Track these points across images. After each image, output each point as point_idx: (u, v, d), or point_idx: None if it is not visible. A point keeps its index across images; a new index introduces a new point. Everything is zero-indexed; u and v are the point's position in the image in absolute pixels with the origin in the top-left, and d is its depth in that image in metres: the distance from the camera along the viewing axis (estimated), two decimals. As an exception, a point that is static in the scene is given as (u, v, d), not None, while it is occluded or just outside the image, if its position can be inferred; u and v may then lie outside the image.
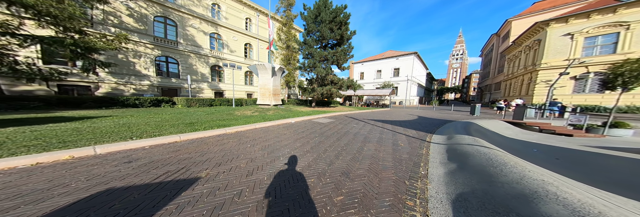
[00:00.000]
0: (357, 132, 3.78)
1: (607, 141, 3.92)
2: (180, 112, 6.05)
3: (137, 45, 9.64)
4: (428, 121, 5.83)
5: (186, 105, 8.30)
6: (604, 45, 10.60)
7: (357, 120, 5.82)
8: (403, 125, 4.85)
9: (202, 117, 4.93)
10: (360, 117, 6.68)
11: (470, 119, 6.90)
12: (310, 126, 4.50)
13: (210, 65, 13.46)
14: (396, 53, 23.67)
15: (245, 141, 2.81)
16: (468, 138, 2.53)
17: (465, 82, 48.37)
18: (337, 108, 12.60)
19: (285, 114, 6.28)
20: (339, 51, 10.57)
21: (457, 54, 58.52)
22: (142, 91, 9.85)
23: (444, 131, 3.77)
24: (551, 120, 6.39)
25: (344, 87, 11.99)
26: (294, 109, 8.46)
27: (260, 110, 6.76)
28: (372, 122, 5.37)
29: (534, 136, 4.35)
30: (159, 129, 3.18)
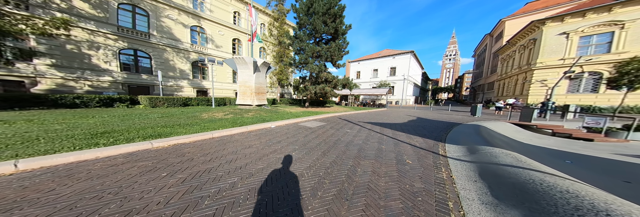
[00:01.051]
0: (350, 141, 3.00)
1: (632, 147, 3.42)
2: (126, 114, 4.83)
3: (95, 35, 8.20)
4: (430, 124, 5.19)
5: (150, 105, 7.03)
6: (598, 45, 10.56)
7: (352, 123, 5.08)
8: (405, 129, 4.15)
9: (149, 121, 3.88)
10: (355, 120, 5.96)
11: (474, 120, 6.36)
12: (293, 132, 3.68)
13: (191, 61, 12.17)
14: (393, 52, 23.33)
15: (171, 162, 1.85)
16: (500, 152, 1.82)
17: (458, 82, 49.39)
18: (332, 108, 11.86)
19: (268, 116, 5.40)
20: (333, 46, 9.77)
21: (451, 55, 59.71)
22: (101, 88, 8.45)
23: (456, 137, 3.08)
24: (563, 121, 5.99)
25: (339, 86, 11.23)
26: (282, 110, 7.56)
27: (237, 112, 5.81)
28: (368, 125, 4.65)
29: (550, 141, 3.80)
30: (27, 143, 2.10)
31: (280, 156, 2.17)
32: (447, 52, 60.03)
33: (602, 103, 10.35)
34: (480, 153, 1.93)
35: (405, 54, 21.50)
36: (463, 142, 2.61)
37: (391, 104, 21.53)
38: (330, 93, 10.48)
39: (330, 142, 2.86)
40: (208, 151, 2.26)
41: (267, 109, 7.36)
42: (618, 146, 3.46)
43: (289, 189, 1.39)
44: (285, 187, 1.43)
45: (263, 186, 1.42)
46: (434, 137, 3.32)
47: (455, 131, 3.62)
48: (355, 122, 5.19)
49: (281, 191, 1.37)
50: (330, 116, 6.87)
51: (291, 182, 1.50)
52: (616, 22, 9.94)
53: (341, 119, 5.94)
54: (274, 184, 1.46)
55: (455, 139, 2.92)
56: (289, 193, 1.33)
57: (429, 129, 4.12)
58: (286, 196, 1.29)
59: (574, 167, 2.29)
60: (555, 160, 2.55)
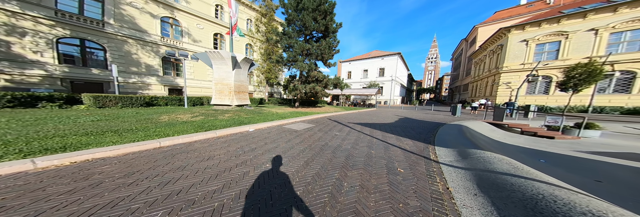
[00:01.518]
0: (338, 145, 2.73)
1: (583, 143, 3.89)
2: (44, 117, 3.66)
3: (17, 18, 6.47)
4: (418, 124, 5.26)
5: (97, 105, 5.73)
6: (549, 52, 12.27)
7: (342, 124, 4.86)
8: (394, 131, 4.07)
9: (71, 127, 2.94)
10: (345, 121, 5.77)
11: (455, 120, 6.71)
12: (274, 136, 3.25)
13: (160, 56, 10.67)
14: (381, 53, 24.12)
15: (53, 192, 1.25)
16: (492, 157, 1.75)
17: (438, 84, 53.81)
18: (323, 108, 11.63)
19: (248, 118, 4.82)
20: (323, 44, 9.49)
21: (432, 58, 64.61)
22: (28, 84, 6.78)
23: (444, 139, 3.07)
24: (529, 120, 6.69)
25: (330, 86, 11.01)
26: (268, 111, 6.99)
27: (211, 113, 5.07)
28: (358, 127, 4.48)
29: (521, 140, 4.12)
30: None
31: (247, 169, 1.75)
32: (429, 55, 64.78)
33: (552, 103, 12.09)
34: (472, 158, 1.85)
35: (392, 55, 22.37)
36: (452, 144, 2.57)
37: (380, 104, 22.24)
38: (321, 93, 10.22)
39: (316, 148, 2.54)
40: (139, 168, 1.67)
41: (250, 109, 6.69)
42: (573, 142, 3.90)
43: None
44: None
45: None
46: (423, 139, 3.26)
47: (442, 131, 3.67)
48: (345, 124, 5.00)
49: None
50: (319, 117, 6.58)
51: (251, 212, 1.11)
52: (562, 32, 11.66)
53: (331, 120, 5.70)
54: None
55: (444, 140, 2.89)
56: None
57: (417, 130, 4.13)
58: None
59: (548, 166, 2.45)
60: (531, 159, 2.71)
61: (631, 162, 2.55)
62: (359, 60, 25.40)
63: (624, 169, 2.39)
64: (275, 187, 1.44)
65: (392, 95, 22.62)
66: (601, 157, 2.85)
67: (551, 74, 12.10)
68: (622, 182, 2.02)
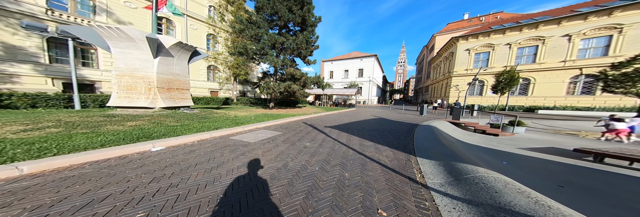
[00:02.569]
0: (302, 167, 1.92)
1: (517, 139, 4.61)
2: None
3: None
4: (394, 126, 5.13)
5: None
6: (484, 60, 15.39)
7: (317, 130, 4.14)
8: (372, 136, 3.64)
9: None
10: (322, 124, 5.11)
11: (423, 119, 7.18)
12: (194, 158, 2.08)
13: (45, 37, 6.94)
14: (360, 54, 25.04)
15: None
16: (493, 180, 1.39)
17: (406, 85, 61.67)
18: (302, 110, 10.74)
19: (171, 128, 3.32)
20: (300, 38, 8.48)
21: (401, 62, 73.22)
22: None
23: (423, 145, 2.82)
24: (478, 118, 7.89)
25: (309, 84, 10.11)
26: (221, 114, 5.53)
27: (95, 121, 3.26)
28: (335, 133, 3.88)
29: (476, 138, 4.56)
30: None
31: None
32: (399, 59, 73.13)
33: (485, 103, 15.31)
34: (467, 180, 1.45)
35: (370, 57, 23.51)
36: (433, 154, 2.27)
37: (360, 103, 23.16)
38: (300, 92, 9.26)
39: (261, 178, 1.62)
40: None
41: (188, 113, 4.91)
42: (511, 139, 4.60)
43: None
44: None
45: None
46: (402, 146, 2.90)
47: (418, 135, 3.53)
48: (321, 129, 4.31)
49: None
50: (294, 121, 5.69)
51: None
52: (490, 44, 14.81)
53: (306, 125, 4.91)
54: None
55: (423, 148, 2.62)
56: None
57: (395, 135, 3.87)
58: None
59: (511, 169, 2.40)
60: (495, 161, 2.84)
61: (558, 158, 3.00)
62: (341, 60, 25.70)
63: (555, 164, 2.74)
64: None
65: (369, 95, 23.92)
66: (535, 154, 3.27)
67: (484, 79, 15.30)
68: (556, 176, 2.22)
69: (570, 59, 11.95)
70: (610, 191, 1.86)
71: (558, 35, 12.23)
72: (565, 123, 7.60)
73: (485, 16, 23.86)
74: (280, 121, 5.30)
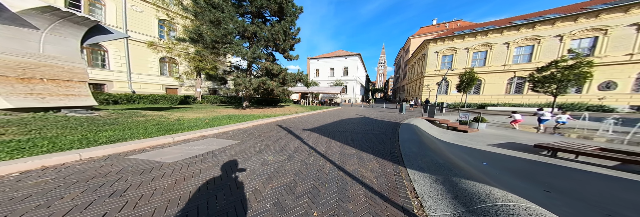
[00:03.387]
0: (241, 204, 1.14)
1: (481, 134, 5.02)
2: None
3: None
4: (377, 126, 4.88)
5: None
6: (449, 62, 17.39)
7: (292, 135, 3.43)
8: (355, 140, 3.19)
9: None
10: (301, 126, 4.41)
11: (403, 117, 7.32)
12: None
13: None
14: (345, 53, 25.11)
15: None
16: (520, 212, 1.05)
17: (386, 85, 66.48)
18: (283, 109, 9.74)
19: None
20: (276, 28, 7.35)
21: (382, 63, 78.19)
22: None
23: (411, 152, 2.49)
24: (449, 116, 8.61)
25: (290, 81, 9.04)
26: (153, 118, 4.18)
27: None
28: (314, 138, 3.25)
29: (450, 135, 4.73)
30: None
31: None
32: (379, 60, 77.95)
33: (449, 100, 17.47)
34: (486, 213, 1.06)
35: (354, 56, 23.77)
36: (425, 164, 1.89)
37: (345, 102, 23.37)
38: (279, 90, 8.21)
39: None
40: None
41: (80, 116, 3.43)
42: (477, 135, 4.97)
43: None
44: None
45: None
46: (389, 153, 2.49)
47: (403, 138, 3.26)
48: (298, 133, 3.62)
49: None
50: (267, 123, 4.80)
51: None
52: (453, 48, 16.81)
53: (280, 128, 4.12)
54: None
55: (412, 155, 2.27)
56: None
57: (380, 137, 3.51)
58: None
59: (492, 170, 2.27)
60: (475, 162, 2.79)
61: (522, 154, 3.21)
62: (326, 58, 25.27)
63: (518, 160, 2.90)
64: None
65: (354, 94, 24.38)
66: (503, 150, 3.46)
67: (450, 79, 17.40)
68: (534, 177, 2.26)
69: (508, 64, 14.58)
70: (588, 190, 1.81)
71: (500, 42, 14.69)
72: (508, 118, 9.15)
73: (449, 23, 27.12)
74: (247, 123, 4.33)
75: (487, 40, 15.22)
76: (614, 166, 2.46)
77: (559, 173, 2.29)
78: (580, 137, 4.95)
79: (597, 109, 11.28)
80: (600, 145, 3.15)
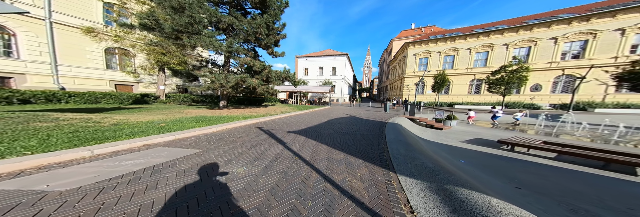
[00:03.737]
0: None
1: (453, 131, 5.56)
2: None
3: None
4: (365, 126, 4.87)
5: None
6: (425, 64, 19.12)
7: (274, 139, 3.04)
8: (343, 142, 3.01)
9: None
10: (285, 128, 4.03)
11: (387, 116, 7.60)
12: None
13: None
14: (333, 52, 25.17)
15: None
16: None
17: (371, 85, 69.96)
18: (268, 109, 9.04)
19: None
20: (258, 20, 6.59)
21: (367, 63, 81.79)
22: None
23: (401, 154, 2.43)
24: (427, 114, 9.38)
25: (275, 80, 8.31)
26: (74, 121, 3.17)
27: None
28: (299, 141, 2.93)
29: (429, 133, 5.09)
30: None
31: None
32: (365, 61, 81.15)
33: (425, 100, 19.35)
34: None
35: (342, 55, 24.00)
36: (416, 168, 1.80)
37: (334, 101, 23.50)
38: (263, 88, 7.51)
39: None
40: None
41: None
42: (450, 132, 5.48)
43: None
44: None
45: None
46: (378, 156, 2.38)
47: (390, 139, 3.21)
48: (281, 136, 3.24)
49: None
50: (245, 125, 4.24)
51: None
52: (428, 51, 18.54)
53: (260, 131, 3.68)
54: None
55: (402, 158, 2.19)
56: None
57: (368, 138, 3.41)
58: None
59: (468, 167, 2.35)
60: (454, 159, 2.98)
61: (489, 149, 3.61)
62: (315, 57, 24.81)
63: (487, 155, 3.24)
64: None
65: (342, 93, 24.72)
66: (473, 146, 3.85)
67: (426, 80, 19.21)
68: (492, 167, 2.50)
69: (470, 67, 16.88)
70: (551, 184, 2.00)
71: (464, 48, 16.86)
72: (478, 116, 10.59)
73: (424, 28, 29.81)
74: (220, 127, 3.72)
75: (454, 46, 17.25)
76: (554, 157, 2.94)
77: (520, 167, 2.58)
78: (523, 131, 5.97)
79: (529, 107, 14.09)
80: (543, 138, 3.78)
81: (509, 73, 11.27)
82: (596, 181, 2.09)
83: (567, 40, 13.22)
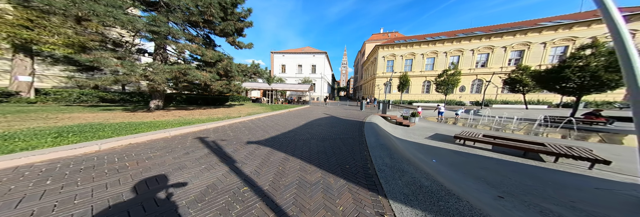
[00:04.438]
0: None
1: (416, 128, 6.20)
2: None
3: None
4: (344, 127, 4.56)
5: None
6: (391, 66, 21.50)
7: (217, 154, 2.00)
8: (321, 154, 2.45)
9: None
10: (248, 135, 3.03)
11: (364, 115, 7.77)
12: None
13: None
14: (313, 50, 24.15)
15: None
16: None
17: (348, 84, 73.92)
18: (230, 110, 7.31)
19: None
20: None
21: (344, 64, 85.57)
22: None
23: (387, 165, 2.11)
24: (395, 112, 10.31)
25: (238, 74, 6.66)
26: None
27: None
28: (263, 153, 2.06)
29: (400, 131, 5.40)
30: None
31: None
32: (342, 61, 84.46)
33: (392, 98, 21.97)
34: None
35: (321, 53, 23.35)
36: (408, 188, 1.48)
37: (314, 100, 22.86)
38: (219, 85, 5.83)
39: None
40: None
41: None
42: (415, 128, 6.05)
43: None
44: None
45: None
46: (362, 169, 1.96)
47: (371, 144, 2.83)
48: (232, 150, 2.30)
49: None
50: (180, 134, 2.91)
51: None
52: (393, 54, 20.95)
53: (203, 143, 2.57)
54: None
55: (389, 173, 1.86)
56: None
57: (348, 144, 2.98)
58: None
59: (442, 168, 2.32)
60: (426, 159, 3.05)
61: (449, 145, 4.02)
62: (293, 53, 23.07)
63: (451, 153, 3.50)
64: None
65: (322, 92, 24.40)
66: (436, 142, 4.24)
67: (392, 81, 21.71)
68: (458, 165, 2.71)
69: (423, 70, 20.32)
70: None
71: (419, 53, 20.08)
72: (424, 112, 12.74)
73: (390, 33, 33.56)
74: (117, 141, 2.36)
75: (412, 51, 20.21)
76: (492, 149, 3.55)
77: (475, 162, 2.85)
78: (463, 125, 7.47)
79: (459, 104, 18.58)
80: (483, 132, 4.62)
81: (448, 76, 14.23)
82: (539, 173, 2.44)
83: (479, 52, 17.93)
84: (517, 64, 13.30)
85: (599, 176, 2.37)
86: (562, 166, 2.69)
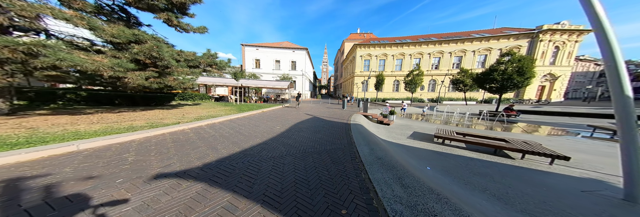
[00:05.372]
0: None
1: (396, 126, 6.29)
2: None
3: None
4: (330, 132, 3.86)
5: None
6: (366, 66, 22.53)
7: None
8: (300, 184, 1.53)
9: None
10: (162, 161, 1.47)
11: (347, 114, 7.43)
12: None
13: None
14: (292, 45, 22.15)
15: None
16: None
17: (329, 82, 74.47)
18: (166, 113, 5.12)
19: None
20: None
21: (325, 62, 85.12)
22: None
23: (404, 201, 1.55)
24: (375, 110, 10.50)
25: (173, 63, 4.65)
26: None
27: None
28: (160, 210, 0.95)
29: (382, 130, 5.22)
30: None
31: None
32: (323, 59, 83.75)
33: (369, 96, 23.24)
34: None
35: (302, 49, 21.86)
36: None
37: (293, 99, 21.27)
38: (137, 76, 3.82)
39: None
40: None
41: None
42: (394, 127, 6.11)
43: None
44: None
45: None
46: (366, 212, 1.23)
47: (367, 160, 2.14)
48: (94, 204, 1.03)
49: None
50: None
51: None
52: (369, 54, 21.99)
53: (28, 192, 1.11)
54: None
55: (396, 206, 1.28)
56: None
57: (338, 160, 2.29)
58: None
59: (439, 176, 2.10)
60: (420, 167, 2.76)
61: (432, 145, 4.02)
62: (270, 48, 20.48)
63: (437, 155, 3.17)
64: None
65: (303, 89, 22.97)
66: (420, 143, 4.16)
67: (371, 79, 22.88)
68: (449, 169, 2.54)
69: (393, 70, 22.34)
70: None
71: (390, 54, 21.85)
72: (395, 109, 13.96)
73: (366, 34, 35.20)
74: None
75: (384, 52, 21.76)
76: (466, 147, 3.70)
77: (463, 164, 2.74)
78: (434, 122, 8.29)
79: (420, 101, 21.69)
80: (456, 129, 4.92)
81: (415, 76, 16.08)
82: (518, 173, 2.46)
83: (433, 56, 21.17)
84: (460, 68, 16.40)
85: (563, 172, 2.54)
86: (527, 162, 2.90)
